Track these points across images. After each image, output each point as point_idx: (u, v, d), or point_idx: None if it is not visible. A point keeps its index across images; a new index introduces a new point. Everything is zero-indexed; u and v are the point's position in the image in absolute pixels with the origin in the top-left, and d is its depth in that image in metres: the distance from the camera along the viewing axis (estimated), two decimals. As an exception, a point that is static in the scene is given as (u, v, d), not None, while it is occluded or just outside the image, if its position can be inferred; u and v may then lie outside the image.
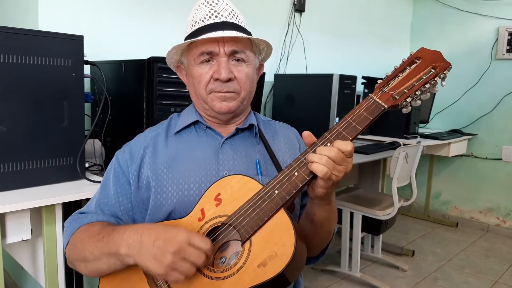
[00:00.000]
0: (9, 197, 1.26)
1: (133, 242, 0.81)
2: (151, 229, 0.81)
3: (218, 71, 0.96)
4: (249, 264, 0.80)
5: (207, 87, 0.99)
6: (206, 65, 0.98)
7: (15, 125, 1.31)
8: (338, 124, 0.87)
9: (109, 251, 0.84)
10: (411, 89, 0.87)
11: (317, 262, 1.08)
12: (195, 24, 0.99)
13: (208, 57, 0.97)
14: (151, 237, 0.79)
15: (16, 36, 1.28)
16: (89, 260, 0.89)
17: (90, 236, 0.90)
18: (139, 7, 2.17)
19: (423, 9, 4.17)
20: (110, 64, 1.75)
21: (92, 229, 0.93)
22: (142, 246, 0.79)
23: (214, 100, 0.99)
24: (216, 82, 0.97)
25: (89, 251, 0.88)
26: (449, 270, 2.95)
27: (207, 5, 0.99)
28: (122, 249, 0.82)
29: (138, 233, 0.81)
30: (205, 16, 0.98)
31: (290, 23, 3.01)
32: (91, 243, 0.88)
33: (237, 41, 0.97)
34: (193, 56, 0.99)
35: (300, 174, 0.84)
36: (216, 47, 0.96)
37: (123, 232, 0.84)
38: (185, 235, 0.78)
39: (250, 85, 1.02)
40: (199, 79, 0.99)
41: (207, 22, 0.97)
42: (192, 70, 1.00)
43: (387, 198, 2.76)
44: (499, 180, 3.73)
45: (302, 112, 2.58)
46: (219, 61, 0.97)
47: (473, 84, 3.80)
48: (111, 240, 0.84)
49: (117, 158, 1.05)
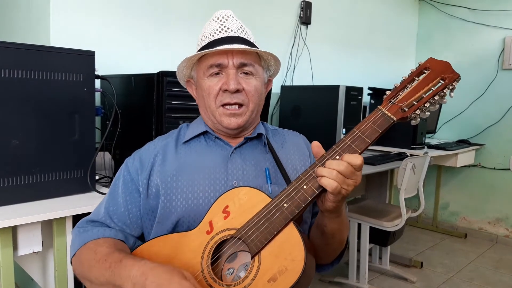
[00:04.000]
0: (21, 210, 1.28)
1: (137, 282, 0.80)
2: (155, 275, 0.79)
3: (226, 82, 0.98)
4: (259, 279, 0.80)
5: (217, 99, 1.00)
6: (215, 78, 0.99)
7: (28, 139, 1.33)
8: (346, 136, 0.87)
9: (114, 284, 0.84)
10: (420, 101, 0.86)
11: (331, 268, 1.08)
12: (205, 39, 1.01)
13: (218, 69, 0.99)
14: (154, 284, 0.77)
15: (30, 52, 1.31)
16: (94, 283, 0.89)
17: (97, 260, 0.89)
18: (149, 22, 2.21)
19: (428, 20, 4.19)
20: (120, 78, 1.78)
21: (99, 250, 0.92)
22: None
23: (222, 116, 1.00)
24: (225, 93, 0.99)
25: (94, 276, 0.88)
26: (458, 281, 2.92)
27: (217, 21, 1.02)
28: (128, 285, 0.81)
29: (143, 276, 0.79)
30: (215, 31, 1.00)
31: (296, 36, 3.04)
32: (97, 268, 0.88)
33: (245, 54, 0.99)
34: (203, 69, 1.01)
35: (309, 188, 0.84)
36: (225, 59, 0.98)
37: (130, 268, 0.82)
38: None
39: (258, 98, 1.03)
40: (208, 91, 1.00)
41: (216, 37, 0.99)
42: (201, 83, 1.02)
43: (394, 209, 2.75)
44: (507, 190, 3.70)
45: (309, 123, 2.59)
46: (227, 73, 0.98)
47: (480, 94, 3.80)
48: (118, 273, 0.83)
49: (127, 165, 1.05)
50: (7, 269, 1.26)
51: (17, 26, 2.18)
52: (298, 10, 3.04)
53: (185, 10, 2.35)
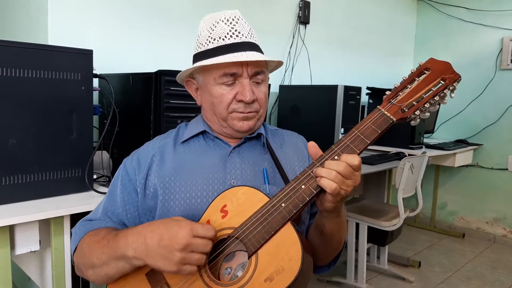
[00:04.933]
0: (18, 209, 1.28)
1: (138, 245, 0.81)
2: (153, 230, 0.81)
3: (243, 93, 0.96)
4: (255, 278, 0.80)
5: (229, 107, 0.99)
6: (227, 86, 0.98)
7: (25, 138, 1.33)
8: (345, 136, 0.86)
9: (116, 256, 0.85)
10: (420, 102, 0.86)
11: (328, 270, 1.08)
12: (213, 42, 0.97)
13: (232, 78, 0.97)
14: (155, 239, 0.79)
15: (28, 51, 1.31)
16: (97, 265, 0.89)
17: (96, 241, 0.91)
18: (147, 21, 2.21)
19: (427, 20, 4.19)
20: (118, 77, 1.77)
21: (98, 234, 0.93)
22: (149, 248, 0.80)
23: (235, 119, 1.00)
24: (239, 103, 0.98)
25: (96, 257, 0.89)
26: (456, 281, 2.92)
27: (227, 23, 0.97)
28: (129, 252, 0.82)
29: (141, 236, 0.81)
30: (225, 35, 0.96)
31: (295, 35, 3.04)
32: (97, 248, 0.89)
33: (258, 62, 0.97)
34: (213, 75, 0.98)
35: (307, 188, 0.84)
36: (239, 69, 0.96)
37: (125, 236, 0.84)
38: (188, 228, 0.79)
39: (266, 103, 1.04)
40: (221, 99, 0.98)
41: (228, 42, 0.96)
42: (211, 88, 0.99)
43: (392, 208, 2.75)
44: (505, 190, 3.71)
45: (307, 123, 2.59)
46: (242, 83, 0.97)
47: (478, 94, 3.80)
48: (116, 245, 0.85)
49: (125, 165, 1.06)
50: (5, 268, 1.25)
51: (15, 24, 2.18)
52: (296, 10, 3.04)
53: (184, 9, 2.35)
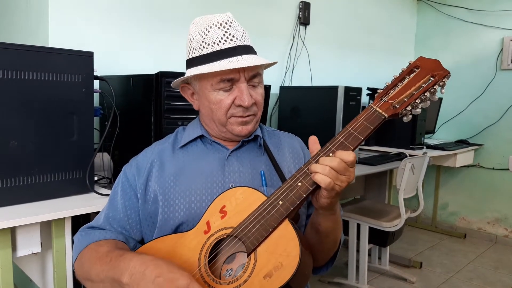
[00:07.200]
0: (19, 211, 1.28)
1: (136, 273, 0.80)
2: (157, 265, 0.80)
3: (241, 98, 0.97)
4: (255, 275, 0.81)
5: (228, 113, 0.99)
6: (225, 91, 0.98)
7: (26, 140, 1.33)
8: (339, 134, 0.88)
9: (113, 277, 0.84)
10: (411, 98, 0.88)
11: (326, 271, 1.09)
12: (207, 47, 0.96)
13: (229, 84, 0.97)
14: (154, 273, 0.79)
15: (28, 53, 1.31)
16: (94, 281, 0.90)
17: (98, 258, 0.91)
18: (147, 23, 2.21)
19: (427, 20, 4.20)
20: (119, 78, 1.78)
21: (100, 249, 0.93)
22: (144, 279, 0.79)
23: (234, 124, 1.00)
24: (238, 107, 0.98)
25: (95, 273, 0.89)
26: (457, 282, 2.92)
27: (220, 27, 0.96)
28: (124, 278, 0.81)
29: (143, 266, 0.81)
30: (219, 40, 0.96)
31: (295, 36, 3.05)
32: (98, 265, 0.89)
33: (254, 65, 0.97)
34: (210, 82, 0.98)
35: (304, 185, 0.85)
36: (236, 74, 0.96)
37: (130, 259, 0.84)
38: (186, 282, 0.77)
39: (263, 104, 1.04)
40: (219, 105, 0.98)
41: (223, 46, 0.95)
42: (208, 94, 0.99)
43: (394, 209, 2.75)
44: (506, 190, 3.70)
45: (308, 124, 2.59)
46: (239, 87, 0.97)
47: (479, 95, 3.80)
48: (117, 266, 0.84)
49: (125, 172, 1.07)
50: (6, 270, 1.26)
51: (15, 27, 2.19)
52: (296, 11, 3.04)
53: (184, 11, 2.36)
